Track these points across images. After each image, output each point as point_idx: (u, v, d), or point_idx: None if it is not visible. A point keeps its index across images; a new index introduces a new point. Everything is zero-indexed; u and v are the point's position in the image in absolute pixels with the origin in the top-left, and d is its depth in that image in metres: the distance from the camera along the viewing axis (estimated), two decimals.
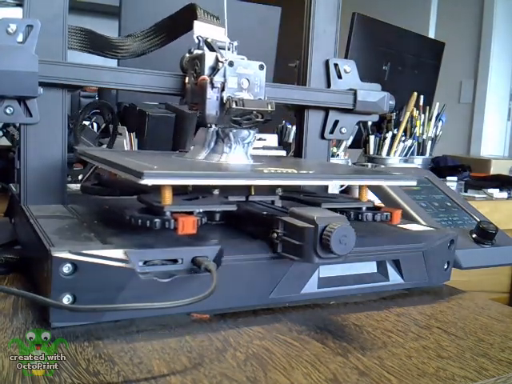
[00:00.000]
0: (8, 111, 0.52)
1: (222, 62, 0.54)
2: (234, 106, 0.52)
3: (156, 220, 0.42)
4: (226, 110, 0.53)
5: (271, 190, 0.56)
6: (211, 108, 0.54)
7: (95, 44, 0.62)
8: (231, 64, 0.54)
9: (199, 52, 0.56)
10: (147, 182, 0.40)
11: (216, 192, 0.52)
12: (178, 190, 0.47)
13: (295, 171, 0.49)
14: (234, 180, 0.46)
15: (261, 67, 0.56)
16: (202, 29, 0.58)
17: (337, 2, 0.70)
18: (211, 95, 0.54)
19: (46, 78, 0.53)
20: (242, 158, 0.56)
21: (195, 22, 0.59)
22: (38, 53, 0.51)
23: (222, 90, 0.54)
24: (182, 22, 0.62)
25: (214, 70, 0.54)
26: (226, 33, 0.59)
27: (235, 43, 0.58)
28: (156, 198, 0.44)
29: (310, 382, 0.34)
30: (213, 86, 0.54)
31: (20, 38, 0.51)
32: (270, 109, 0.54)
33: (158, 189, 0.43)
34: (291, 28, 1.18)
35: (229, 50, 0.57)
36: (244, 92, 0.55)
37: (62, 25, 0.55)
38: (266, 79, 0.56)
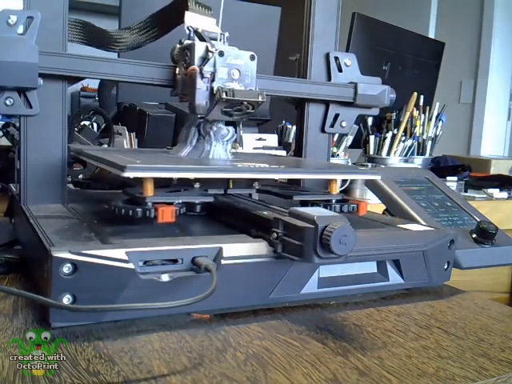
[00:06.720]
0: (8, 102, 0.52)
1: (212, 52, 0.53)
2: (224, 96, 0.52)
3: (138, 209, 0.45)
4: (215, 101, 0.53)
5: (249, 183, 0.58)
6: (201, 98, 0.54)
7: (93, 37, 0.62)
8: (221, 54, 0.54)
9: (189, 42, 0.56)
10: (129, 174, 0.42)
11: (197, 185, 0.54)
12: (162, 184, 0.50)
13: (267, 166, 0.52)
14: (210, 173, 0.49)
15: (252, 57, 0.56)
16: (193, 19, 0.58)
17: (337, 1, 0.70)
18: (201, 85, 0.54)
19: (46, 70, 0.52)
20: (222, 155, 0.58)
21: (186, 12, 0.58)
22: (38, 44, 0.51)
23: (213, 80, 0.54)
24: (174, 13, 0.62)
25: (204, 60, 0.54)
26: (220, 23, 0.59)
27: (226, 34, 0.57)
28: (139, 190, 0.47)
29: (310, 382, 0.34)
30: (202, 76, 0.53)
31: (20, 30, 0.51)
32: (260, 99, 0.54)
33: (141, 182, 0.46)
34: (291, 27, 1.18)
35: (220, 40, 0.57)
36: (235, 82, 0.55)
37: (63, 16, 0.55)
38: None
